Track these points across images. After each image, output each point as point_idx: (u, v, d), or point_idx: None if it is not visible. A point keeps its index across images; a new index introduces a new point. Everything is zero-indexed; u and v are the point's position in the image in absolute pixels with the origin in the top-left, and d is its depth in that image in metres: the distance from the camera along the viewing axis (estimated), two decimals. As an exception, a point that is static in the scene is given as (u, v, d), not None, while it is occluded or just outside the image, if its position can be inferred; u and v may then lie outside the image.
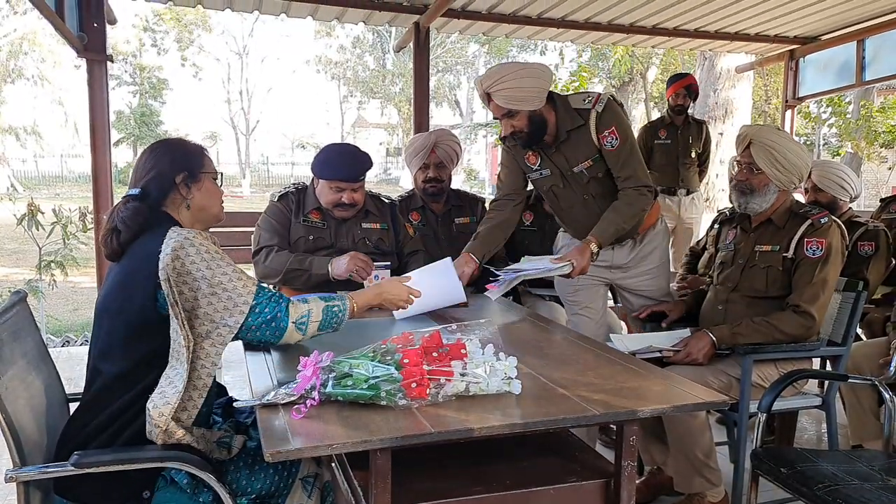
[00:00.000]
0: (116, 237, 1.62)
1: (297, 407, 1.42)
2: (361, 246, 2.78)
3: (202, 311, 1.52)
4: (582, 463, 1.71)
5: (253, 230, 2.88)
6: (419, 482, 1.58)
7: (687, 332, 2.55)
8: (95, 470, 1.44)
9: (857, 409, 2.87)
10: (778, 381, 2.18)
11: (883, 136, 13.39)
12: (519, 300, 3.12)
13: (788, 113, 6.12)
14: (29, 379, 1.64)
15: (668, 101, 5.23)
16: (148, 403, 1.47)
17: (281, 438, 1.30)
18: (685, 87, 5.08)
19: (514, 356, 1.59)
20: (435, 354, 1.53)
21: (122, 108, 26.34)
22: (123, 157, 26.75)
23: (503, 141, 2.73)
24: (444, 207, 3.35)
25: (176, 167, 1.71)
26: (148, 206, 1.67)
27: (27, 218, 5.56)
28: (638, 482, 2.19)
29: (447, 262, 2.43)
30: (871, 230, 3.18)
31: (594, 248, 2.46)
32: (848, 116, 13.98)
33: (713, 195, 7.90)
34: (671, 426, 2.37)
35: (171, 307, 1.48)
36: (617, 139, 2.50)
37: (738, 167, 2.51)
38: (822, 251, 2.37)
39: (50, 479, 1.52)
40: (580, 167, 2.59)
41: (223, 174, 1.87)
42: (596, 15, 4.96)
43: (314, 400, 1.44)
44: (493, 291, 2.46)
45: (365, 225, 2.83)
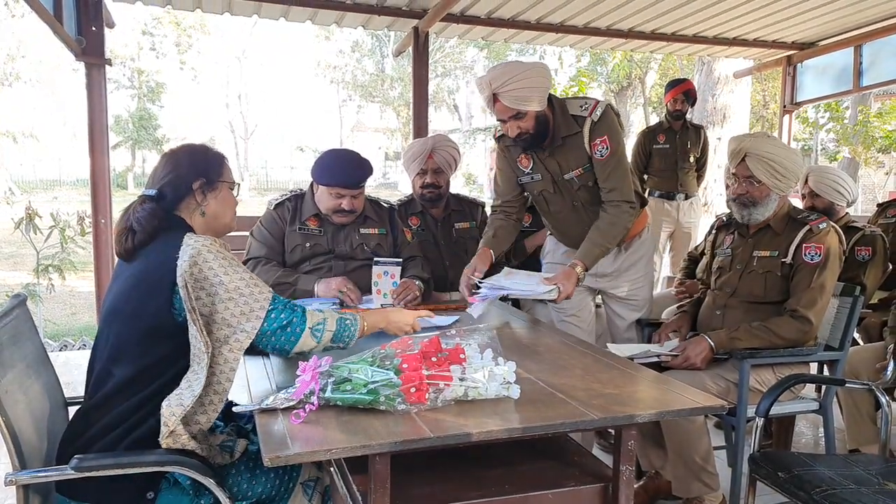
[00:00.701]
0: (132, 237, 1.63)
1: (296, 412, 1.42)
2: (360, 251, 2.78)
3: (220, 316, 1.53)
4: (580, 467, 1.71)
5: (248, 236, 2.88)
6: (418, 487, 1.58)
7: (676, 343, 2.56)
8: (96, 473, 1.44)
9: (854, 413, 2.87)
10: (776, 385, 2.18)
11: (880, 141, 13.41)
12: (518, 304, 3.13)
13: (786, 118, 6.14)
14: (28, 382, 1.64)
15: (666, 106, 5.25)
16: (163, 402, 1.47)
17: (280, 443, 1.30)
18: (683, 92, 5.10)
19: (512, 361, 1.59)
20: (434, 359, 1.53)
21: (120, 111, 26.30)
22: (122, 160, 26.73)
23: (498, 140, 2.71)
24: (443, 212, 3.35)
25: (194, 173, 1.73)
26: (162, 208, 1.68)
27: (25, 222, 5.55)
28: (636, 486, 2.19)
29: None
30: (868, 235, 3.18)
31: (580, 271, 2.44)
32: (845, 122, 14.02)
33: (711, 199, 7.91)
34: (669, 430, 2.37)
35: (189, 313, 1.49)
36: (607, 149, 2.49)
37: (735, 181, 2.50)
38: (820, 256, 2.37)
39: (50, 482, 1.52)
40: (571, 174, 2.58)
41: (239, 185, 1.88)
42: (595, 20, 4.98)
43: (313, 405, 1.44)
44: (475, 307, 2.39)
45: (363, 230, 2.82)
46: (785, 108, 6.10)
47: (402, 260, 2.75)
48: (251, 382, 1.71)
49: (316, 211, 2.78)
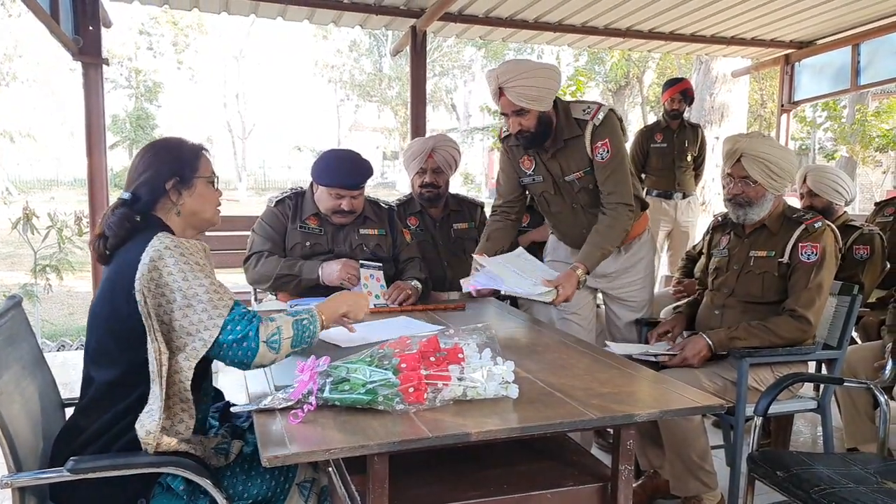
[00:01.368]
0: (103, 242, 1.61)
1: (294, 412, 1.42)
2: (359, 252, 2.77)
3: (178, 323, 1.48)
4: (579, 467, 1.71)
5: (249, 234, 2.88)
6: (417, 487, 1.58)
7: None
8: (92, 476, 1.44)
9: (852, 412, 2.88)
10: (774, 384, 2.18)
11: (877, 140, 13.43)
12: (516, 304, 3.12)
13: (784, 117, 6.15)
14: (24, 384, 1.63)
15: (663, 105, 5.25)
16: (136, 423, 1.45)
17: (278, 443, 1.30)
18: (681, 91, 5.10)
19: (511, 360, 1.59)
20: (432, 359, 1.53)
21: (117, 111, 26.24)
22: (119, 160, 26.66)
23: (503, 141, 2.73)
24: (442, 212, 3.34)
25: (166, 173, 1.66)
26: (138, 210, 1.64)
27: (22, 222, 5.54)
28: (634, 485, 2.19)
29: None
30: (866, 234, 3.19)
31: (581, 274, 2.44)
32: (843, 121, 14.04)
33: (709, 199, 7.91)
34: (667, 430, 2.37)
35: (144, 319, 1.45)
36: (608, 152, 2.50)
37: (731, 181, 2.50)
38: (816, 255, 2.38)
39: (45, 485, 1.52)
40: (572, 176, 2.60)
41: (218, 177, 1.82)
42: (592, 19, 4.98)
43: (311, 405, 1.44)
44: (471, 281, 2.46)
45: (363, 231, 2.82)
46: (783, 107, 6.11)
47: (381, 264, 2.74)
48: (249, 382, 1.71)
49: (316, 210, 2.77)
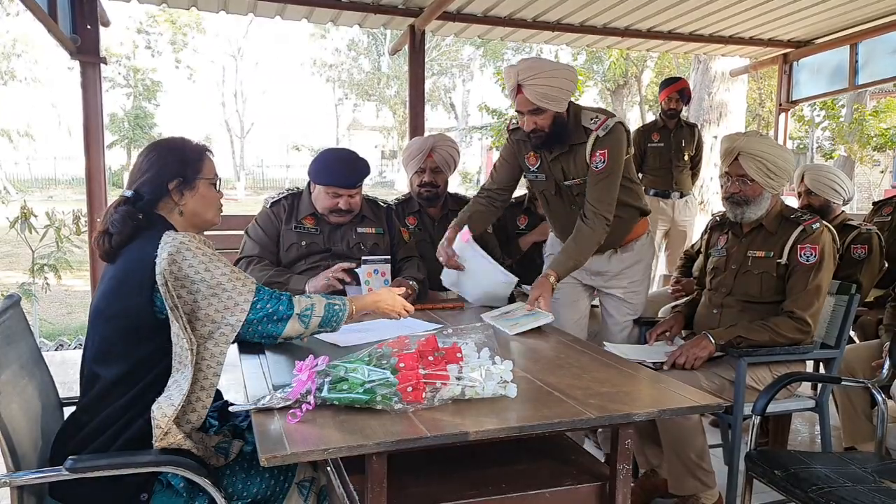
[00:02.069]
0: (108, 239, 1.63)
1: (292, 411, 1.42)
2: (356, 251, 2.77)
3: (203, 312, 1.53)
4: (577, 466, 1.71)
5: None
6: (415, 486, 1.58)
7: (673, 348, 2.56)
8: (91, 474, 1.44)
9: (850, 411, 2.88)
10: (772, 383, 2.19)
11: (875, 139, 13.45)
12: (513, 301, 3.12)
13: (782, 116, 6.15)
14: (22, 383, 1.63)
15: (660, 104, 5.25)
16: (153, 406, 1.47)
17: (276, 443, 1.30)
18: (678, 91, 5.10)
19: (509, 360, 1.59)
20: (431, 358, 1.53)
21: (115, 110, 26.21)
22: (117, 159, 26.62)
23: (511, 133, 2.73)
24: (440, 212, 3.34)
25: (170, 173, 1.69)
26: (140, 208, 1.66)
27: (20, 221, 5.53)
28: (632, 484, 2.19)
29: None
30: (863, 233, 3.19)
31: (553, 280, 2.46)
32: (841, 120, 14.05)
33: (707, 198, 7.92)
34: (665, 429, 2.38)
35: (170, 311, 1.48)
36: (604, 162, 2.50)
37: (728, 180, 2.50)
38: (815, 257, 2.38)
39: (44, 483, 1.52)
40: (571, 182, 2.61)
41: (220, 179, 1.84)
42: (591, 18, 4.97)
43: (310, 404, 1.44)
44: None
45: (360, 230, 2.81)
46: (781, 106, 6.11)
47: (390, 257, 2.74)
48: (247, 381, 1.71)
49: (312, 210, 2.77)
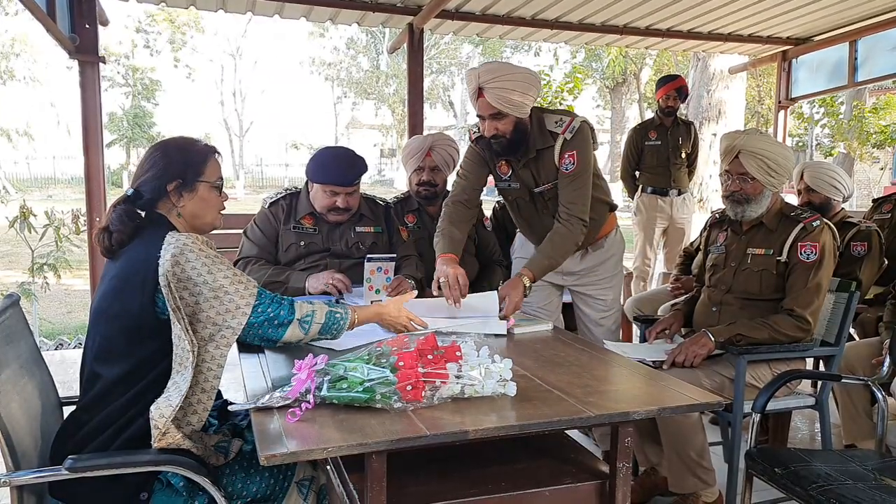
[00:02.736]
0: (108, 237, 1.64)
1: (291, 410, 1.41)
2: (355, 250, 2.76)
3: (204, 314, 1.53)
4: (577, 465, 1.71)
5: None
6: (415, 485, 1.58)
7: (673, 346, 2.55)
8: (91, 474, 1.44)
9: (850, 408, 2.88)
10: (772, 381, 2.18)
11: (875, 136, 13.46)
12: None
13: (781, 114, 6.14)
14: (22, 382, 1.63)
15: (657, 102, 5.25)
16: (152, 406, 1.47)
17: (275, 442, 1.30)
18: (675, 88, 5.10)
19: (508, 358, 1.59)
20: (430, 357, 1.53)
21: (114, 109, 26.23)
22: (116, 158, 26.62)
23: (475, 143, 2.65)
24: (439, 210, 3.32)
25: (170, 174, 1.68)
26: (141, 207, 1.67)
27: (19, 220, 5.52)
28: (632, 482, 2.19)
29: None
30: (863, 231, 3.19)
31: (527, 282, 2.42)
32: (840, 117, 14.06)
33: (706, 195, 7.92)
34: (665, 426, 2.37)
35: (172, 312, 1.48)
36: (574, 164, 2.48)
37: (729, 178, 2.49)
38: (815, 255, 2.38)
39: (44, 483, 1.51)
40: (542, 188, 2.59)
41: (223, 181, 1.82)
42: (590, 16, 4.97)
43: (309, 403, 1.43)
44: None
45: (359, 229, 2.81)
46: (780, 103, 6.11)
47: (396, 256, 2.74)
48: (247, 381, 1.70)
49: (311, 210, 2.76)
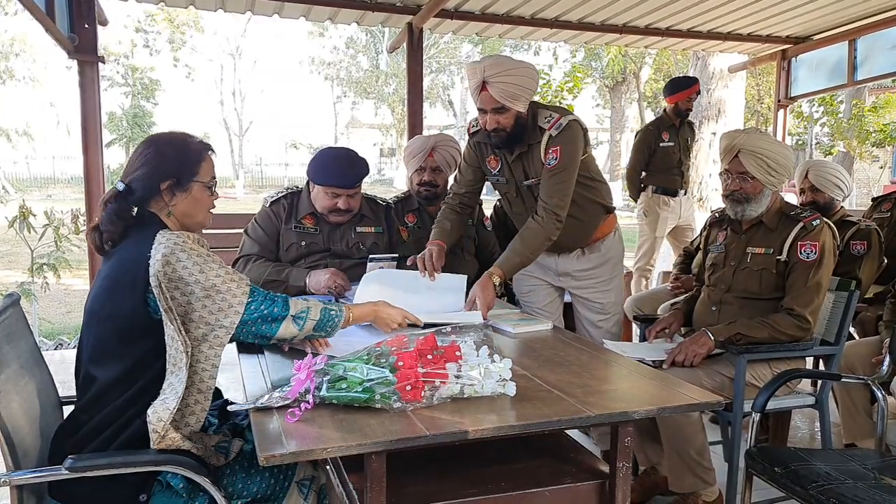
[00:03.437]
0: (99, 236, 1.62)
1: (291, 410, 1.41)
2: (356, 250, 2.76)
3: (197, 314, 1.51)
4: (577, 464, 1.71)
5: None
6: (414, 485, 1.58)
7: (673, 345, 2.55)
8: (91, 473, 1.44)
9: (850, 407, 2.88)
10: (772, 380, 2.18)
11: (874, 135, 13.46)
12: (513, 300, 3.12)
13: (780, 112, 6.15)
14: (22, 382, 1.63)
15: (676, 104, 5.09)
16: (149, 410, 1.46)
17: (275, 442, 1.30)
18: (696, 92, 5.07)
19: (508, 358, 1.59)
20: (429, 357, 1.52)
21: (114, 109, 26.18)
22: (116, 158, 26.59)
23: (471, 136, 2.71)
24: (439, 210, 3.33)
25: (163, 173, 1.65)
26: (132, 203, 1.64)
27: (19, 220, 5.51)
28: (632, 482, 2.18)
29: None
30: (863, 229, 3.19)
31: (496, 280, 2.41)
32: (840, 116, 14.06)
33: (706, 195, 7.93)
34: (665, 426, 2.37)
35: (164, 313, 1.47)
36: (556, 159, 2.47)
37: (728, 177, 2.49)
38: (815, 254, 2.38)
39: (44, 482, 1.51)
40: (530, 181, 2.59)
41: (216, 180, 1.79)
42: (589, 15, 4.97)
43: (308, 403, 1.43)
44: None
45: (359, 229, 2.81)
46: (779, 102, 6.11)
47: (397, 255, 2.73)
48: (246, 381, 1.70)
49: (312, 210, 2.76)
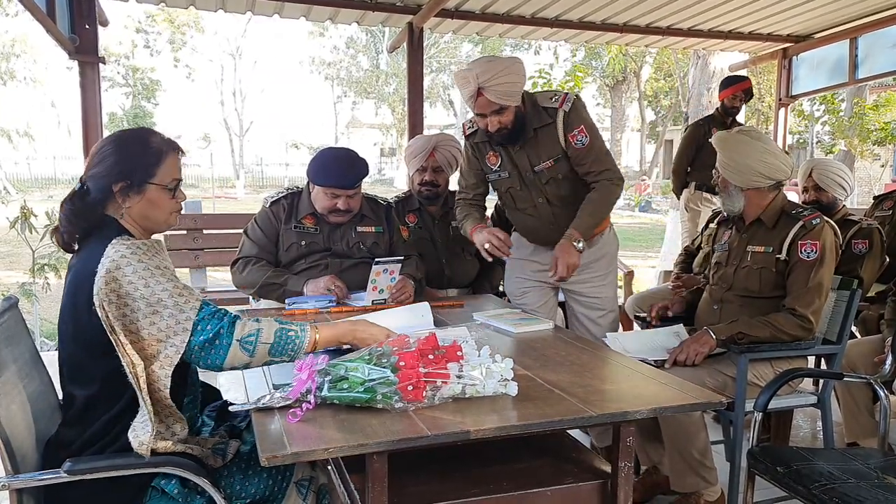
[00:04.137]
0: (61, 238, 1.57)
1: (292, 410, 1.41)
2: (356, 250, 2.76)
3: (145, 332, 1.43)
4: (579, 464, 1.71)
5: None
6: (416, 485, 1.57)
7: (680, 327, 2.56)
8: (87, 478, 1.43)
9: (852, 407, 2.87)
10: (774, 379, 2.18)
11: (875, 133, 13.45)
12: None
13: (782, 111, 6.13)
14: (21, 385, 1.62)
15: (722, 102, 5.12)
16: (129, 431, 1.43)
17: (277, 442, 1.30)
18: (743, 90, 5.05)
19: (510, 358, 1.59)
20: (431, 357, 1.52)
21: (114, 109, 26.25)
22: (116, 158, 26.57)
23: (468, 138, 2.74)
24: (440, 210, 3.33)
25: (116, 174, 1.56)
26: (88, 204, 1.56)
27: (20, 221, 5.51)
28: (633, 481, 2.18)
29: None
30: (864, 228, 3.18)
31: (577, 243, 2.46)
32: (841, 114, 14.05)
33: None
34: (666, 425, 2.37)
35: (109, 333, 1.41)
36: (586, 137, 2.54)
37: (716, 173, 2.62)
38: (816, 253, 2.37)
39: (41, 488, 1.50)
40: (542, 166, 2.60)
41: (179, 181, 1.68)
42: (589, 14, 4.96)
43: (310, 403, 1.43)
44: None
45: (360, 229, 2.80)
46: (780, 101, 6.10)
47: (403, 258, 2.72)
48: (247, 381, 1.70)
49: (312, 210, 2.76)
